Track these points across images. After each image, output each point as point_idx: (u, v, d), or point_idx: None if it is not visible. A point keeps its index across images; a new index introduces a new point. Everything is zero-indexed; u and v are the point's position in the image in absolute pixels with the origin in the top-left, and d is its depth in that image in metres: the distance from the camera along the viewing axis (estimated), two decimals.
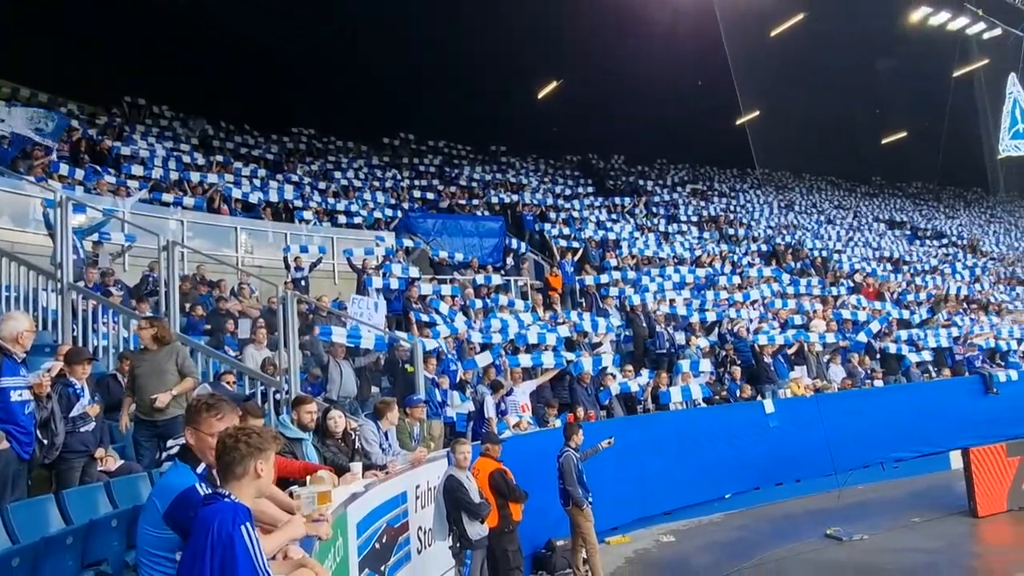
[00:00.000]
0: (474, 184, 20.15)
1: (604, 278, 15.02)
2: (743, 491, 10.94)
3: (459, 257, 15.35)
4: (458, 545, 6.28)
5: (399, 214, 16.52)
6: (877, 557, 8.20)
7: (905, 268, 21.69)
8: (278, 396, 7.72)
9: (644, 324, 13.19)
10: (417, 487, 6.64)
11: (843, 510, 10.38)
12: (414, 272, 13.01)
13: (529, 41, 18.53)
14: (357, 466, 5.32)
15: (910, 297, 18.23)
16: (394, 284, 12.18)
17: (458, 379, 10.26)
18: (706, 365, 12.34)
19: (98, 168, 13.38)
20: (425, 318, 11.44)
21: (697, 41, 16.10)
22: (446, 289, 12.76)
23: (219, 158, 16.35)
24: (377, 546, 5.42)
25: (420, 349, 8.90)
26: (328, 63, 18.55)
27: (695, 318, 13.87)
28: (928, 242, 26.49)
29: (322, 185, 17.36)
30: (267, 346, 8.96)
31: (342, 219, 15.70)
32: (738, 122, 19.21)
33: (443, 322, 11.33)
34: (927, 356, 15.03)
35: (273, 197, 15.36)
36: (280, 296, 8.26)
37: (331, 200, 16.42)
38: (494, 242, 16.42)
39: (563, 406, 10.50)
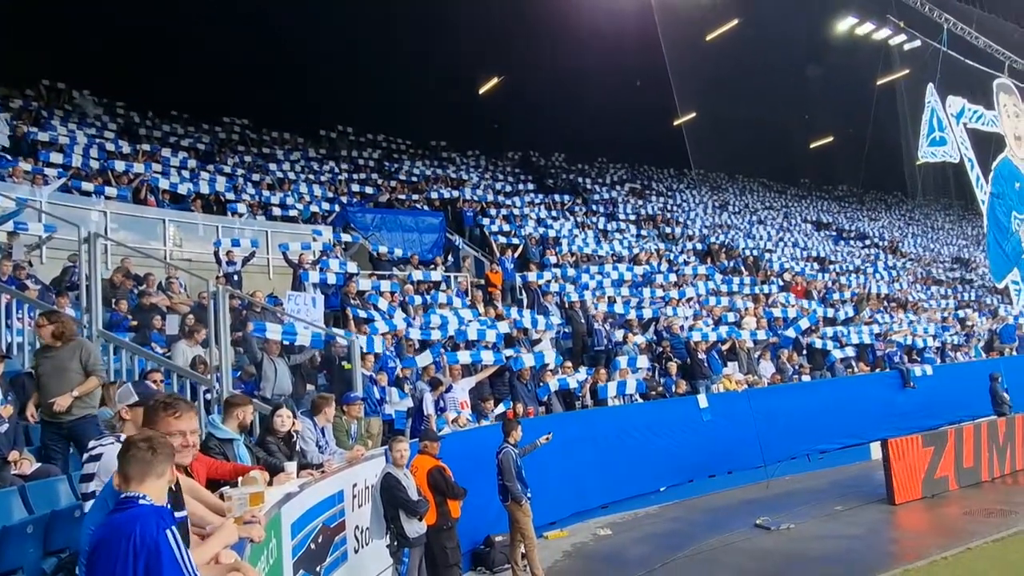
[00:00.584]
0: (414, 179, 19.96)
1: (545, 275, 15.12)
2: (678, 484, 11.18)
3: (398, 253, 15.20)
4: (396, 543, 6.21)
5: (337, 208, 16.20)
6: (802, 544, 8.53)
7: (831, 267, 22.60)
8: (209, 395, 7.46)
9: (583, 321, 13.33)
10: (354, 486, 6.52)
11: (772, 500, 10.76)
12: (352, 267, 12.80)
13: (470, 36, 18.42)
14: (292, 465, 5.19)
15: (835, 295, 19.00)
16: (331, 279, 11.96)
17: (396, 376, 10.15)
18: (643, 361, 12.55)
19: (9, 156, 12.68)
20: (363, 314, 11.26)
21: (636, 42, 16.32)
22: (385, 285, 12.58)
23: (146, 147, 15.69)
24: (312, 547, 5.30)
25: (358, 346, 8.75)
26: (264, 52, 18.00)
27: (632, 315, 14.10)
28: (852, 243, 27.69)
29: (256, 177, 16.86)
30: (199, 343, 8.66)
31: (277, 212, 15.30)
32: (675, 123, 19.59)
33: (382, 318, 11.17)
34: (850, 352, 15.70)
35: (204, 189, 14.84)
36: (211, 291, 7.98)
37: (266, 193, 15.98)
38: (434, 238, 16.31)
39: (500, 401, 10.53)
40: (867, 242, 28.17)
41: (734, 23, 19.22)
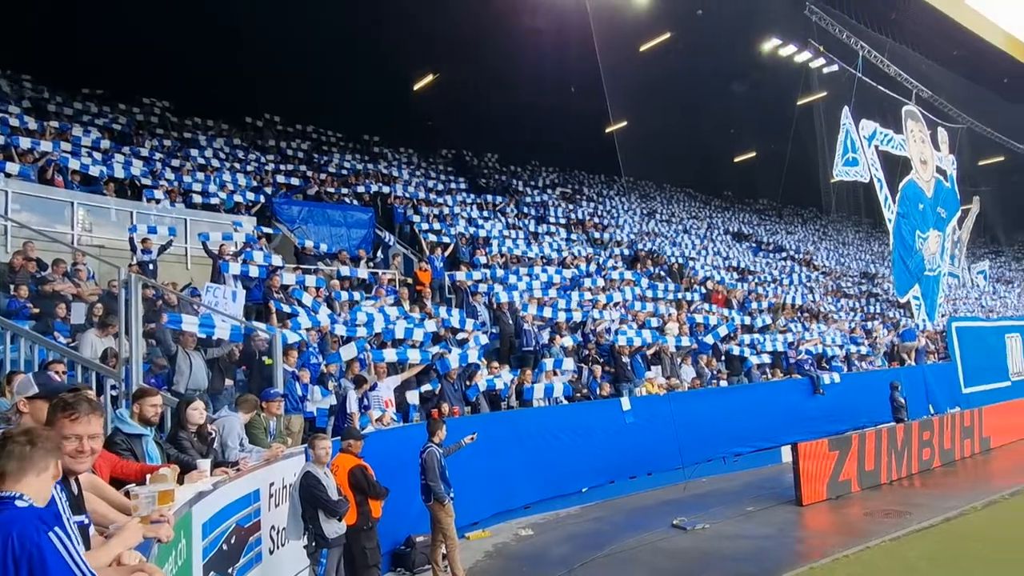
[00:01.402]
0: (344, 173, 19.53)
1: (475, 275, 15.07)
2: (600, 484, 11.36)
3: (324, 248, 14.85)
4: (313, 544, 6.05)
5: (262, 199, 15.68)
6: (716, 544, 8.81)
7: (750, 277, 23.46)
8: (115, 389, 7.07)
9: (511, 322, 13.37)
10: (271, 485, 6.33)
11: (689, 501, 11.08)
12: (276, 260, 12.41)
13: (405, 30, 18.17)
14: (205, 463, 4.98)
15: (753, 304, 19.74)
16: (254, 272, 11.55)
17: (320, 373, 9.90)
18: (569, 364, 12.69)
19: None
20: (287, 309, 10.94)
21: (572, 48, 16.50)
22: (310, 280, 12.26)
23: (55, 124, 14.75)
24: (225, 547, 5.11)
25: (280, 341, 8.48)
26: (191, 33, 17.23)
27: (560, 317, 14.24)
28: (770, 254, 28.84)
29: (176, 162, 16.12)
30: (112, 335, 8.20)
31: (198, 200, 14.67)
32: (608, 130, 19.92)
33: (305, 314, 10.87)
34: (766, 359, 16.35)
35: (119, 172, 14.07)
36: (122, 279, 7.56)
37: (186, 179, 15.30)
38: (363, 233, 16.02)
39: (427, 401, 10.44)
40: (784, 254, 29.40)
41: (667, 36, 19.71)
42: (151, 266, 11.20)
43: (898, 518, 9.51)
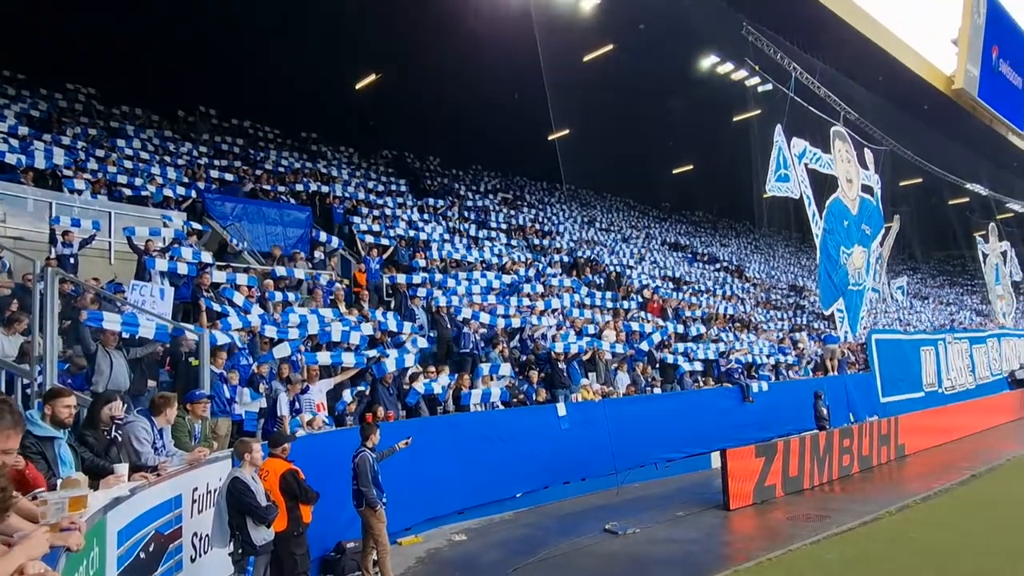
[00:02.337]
0: (281, 170, 19.07)
1: (414, 278, 14.93)
2: (534, 490, 11.38)
3: (246, 244, 14.38)
4: (240, 551, 5.85)
5: (193, 194, 15.14)
6: (646, 548, 8.95)
7: (685, 287, 24.02)
8: (29, 389, 6.70)
9: (448, 326, 13.29)
10: (195, 490, 6.08)
11: (621, 506, 11.22)
12: (207, 257, 12.00)
13: (348, 27, 17.87)
14: (123, 468, 4.75)
15: (687, 313, 20.20)
16: (182, 269, 11.15)
17: (251, 374, 9.62)
18: (506, 369, 12.69)
19: None
20: (217, 308, 10.59)
21: (516, 54, 16.54)
22: (242, 278, 11.90)
23: None
24: (142, 556, 4.88)
25: (207, 341, 8.20)
26: (121, 18, 16.53)
27: (499, 323, 14.24)
28: (704, 265, 29.61)
29: (101, 153, 15.43)
30: (20, 332, 7.76)
31: (124, 193, 14.05)
32: (550, 137, 20.07)
33: (236, 314, 10.55)
34: (698, 367, 16.75)
35: (38, 161, 13.37)
36: (37, 273, 7.17)
37: (112, 170, 14.65)
38: (299, 233, 15.65)
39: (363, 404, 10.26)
40: (718, 265, 30.24)
41: (610, 48, 20.00)
42: (72, 260, 10.70)
43: (819, 522, 9.86)
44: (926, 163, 31.45)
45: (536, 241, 22.42)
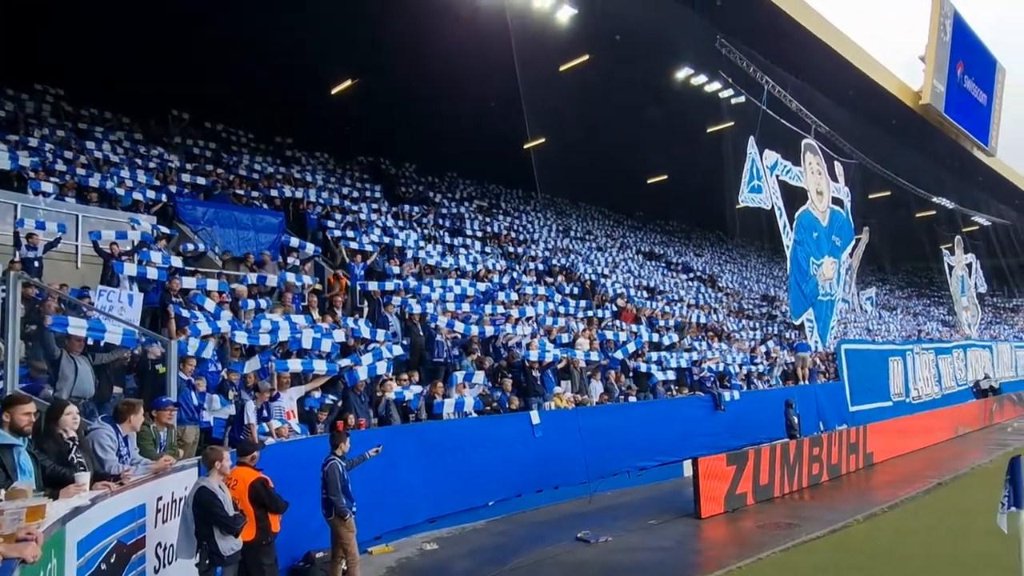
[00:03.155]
0: (254, 175, 18.87)
1: (388, 285, 14.86)
2: (506, 498, 11.34)
3: (215, 251, 14.19)
4: (207, 562, 5.75)
5: (164, 198, 14.92)
6: (618, 556, 8.96)
7: (659, 296, 24.19)
8: None
9: (422, 333, 13.22)
10: (160, 499, 5.97)
11: (593, 514, 11.22)
12: (177, 262, 11.82)
13: (325, 32, 17.75)
14: (84, 476, 4.65)
15: (660, 322, 20.34)
16: (152, 274, 10.98)
17: (220, 381, 9.48)
18: (479, 377, 12.66)
19: None
20: (186, 314, 10.42)
21: (493, 63, 16.59)
22: (212, 284, 11.73)
23: None
24: (104, 567, 4.78)
25: (175, 347, 8.06)
26: (90, 18, 16.27)
27: (473, 330, 14.21)
28: (678, 274, 29.87)
29: (69, 155, 15.15)
30: None
31: (92, 197, 13.80)
32: (526, 146, 20.14)
33: (206, 320, 10.39)
34: (671, 376, 16.86)
35: (3, 162, 13.08)
36: None
37: (80, 172, 14.38)
38: (272, 238, 15.48)
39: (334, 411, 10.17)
40: (691, 275, 30.52)
41: (586, 58, 20.14)
42: (36, 264, 10.49)
43: (788, 530, 9.96)
44: (894, 176, 32.14)
45: (511, 249, 22.43)
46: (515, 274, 19.59)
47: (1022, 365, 33.45)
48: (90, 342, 8.24)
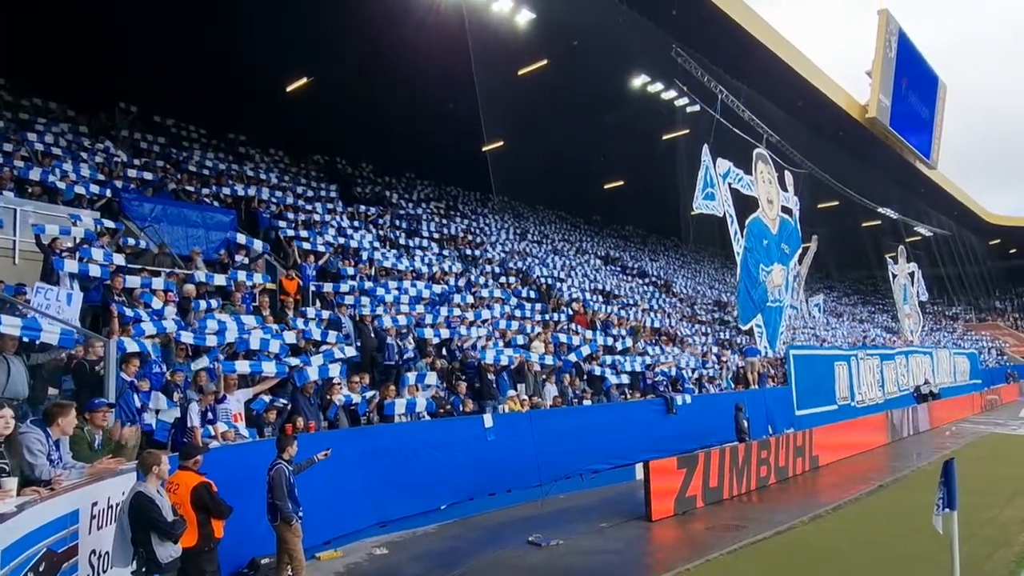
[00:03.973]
0: (205, 172, 18.41)
1: (342, 286, 14.65)
2: (459, 502, 11.27)
3: (142, 243, 13.75)
4: (144, 570, 5.55)
5: (109, 192, 14.43)
6: (569, 559, 8.99)
7: (614, 300, 24.41)
8: None
9: (374, 335, 13.06)
10: (95, 505, 5.73)
11: (545, 518, 11.24)
12: (119, 260, 11.44)
13: (281, 28, 17.42)
14: (11, 482, 4.44)
15: (615, 326, 20.52)
16: (94, 271, 10.60)
17: (164, 383, 9.20)
18: (432, 379, 12.57)
19: None
20: (129, 313, 10.09)
21: (451, 64, 16.55)
22: (158, 282, 11.39)
23: None
24: (31, 575, 4.56)
25: (115, 347, 7.79)
26: (35, 5, 15.68)
27: (428, 333, 14.11)
28: (633, 279, 30.20)
29: (8, 147, 14.54)
30: None
31: (34, 190, 13.25)
32: (483, 149, 20.13)
33: (150, 319, 10.08)
34: (625, 379, 17.01)
35: None
36: None
37: (19, 165, 13.82)
38: (223, 236, 15.11)
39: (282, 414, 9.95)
40: (646, 280, 30.89)
41: (544, 63, 20.23)
42: None
43: (736, 532, 10.14)
44: (842, 187, 33.14)
45: (468, 252, 22.36)
46: (471, 277, 19.54)
47: (960, 371, 34.79)
48: (25, 341, 7.91)
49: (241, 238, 14.92)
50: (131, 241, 13.11)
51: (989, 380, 37.77)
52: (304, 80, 21.03)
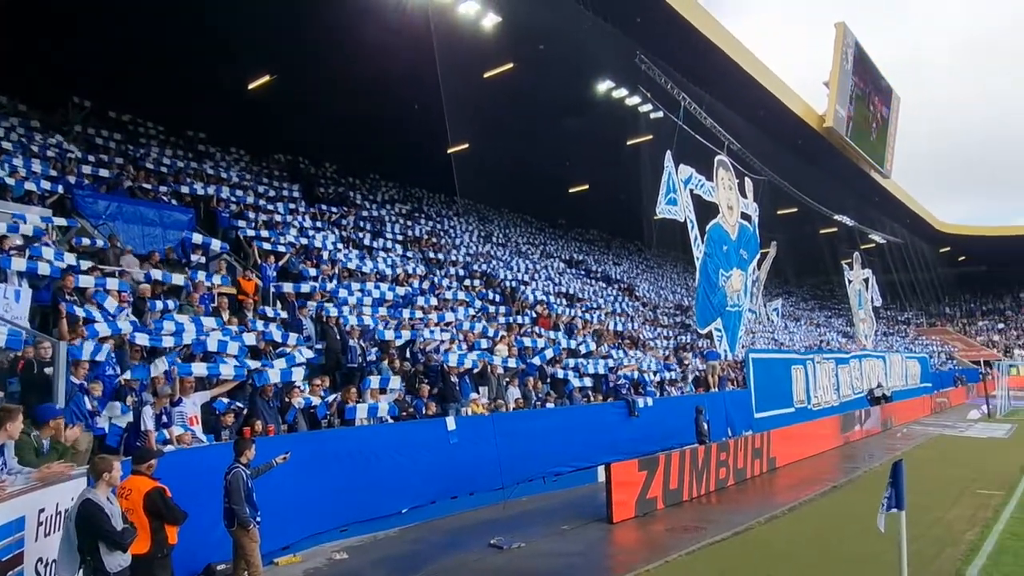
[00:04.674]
0: (163, 169, 18.01)
1: (304, 287, 14.46)
2: (420, 505, 11.19)
3: (100, 242, 13.42)
4: None
5: (61, 189, 14.02)
6: (530, 562, 9.00)
7: (578, 303, 24.55)
8: None
9: (338, 337, 12.92)
10: (42, 511, 5.55)
11: (507, 521, 11.24)
12: (71, 258, 11.11)
13: (243, 24, 17.15)
14: None
15: (579, 329, 20.63)
16: (44, 270, 10.29)
17: (117, 386, 8.96)
18: (395, 382, 12.48)
19: None
20: (81, 313, 9.81)
21: (417, 66, 16.50)
22: (112, 283, 11.09)
23: None
24: None
25: (63, 348, 7.57)
26: None
27: (390, 335, 14.01)
28: (597, 283, 30.42)
29: None
30: None
31: None
32: (448, 151, 20.08)
33: (104, 320, 9.82)
34: (588, 382, 17.10)
35: None
36: None
37: None
38: (181, 236, 14.79)
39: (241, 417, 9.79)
40: (610, 283, 31.14)
41: (510, 66, 20.28)
42: None
43: (695, 533, 10.27)
44: (800, 194, 33.91)
45: (432, 254, 22.28)
46: (435, 279, 19.46)
47: (911, 375, 35.79)
48: None
49: (199, 238, 14.61)
50: (85, 240, 12.74)
51: (939, 383, 38.93)
52: (267, 78, 20.71)
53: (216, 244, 14.67)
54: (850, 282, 36.68)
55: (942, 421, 28.10)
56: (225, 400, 9.81)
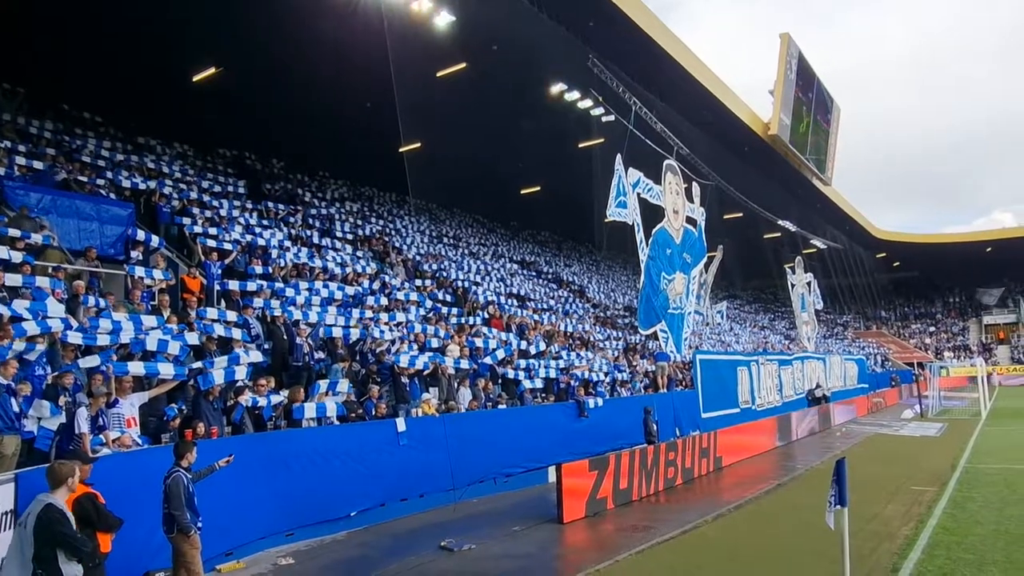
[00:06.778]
0: (101, 162, 17.29)
1: (250, 286, 14.06)
2: (369, 508, 11.00)
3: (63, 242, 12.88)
4: None
5: None
6: (481, 564, 8.91)
7: (529, 304, 24.60)
8: None
9: (285, 337, 12.61)
10: None
11: (458, 522, 11.13)
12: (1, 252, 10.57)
13: (188, 12, 16.58)
14: None
15: (530, 331, 20.66)
16: None
17: (47, 386, 8.53)
18: (344, 384, 12.24)
19: None
20: (6, 313, 9.30)
21: (369, 63, 16.27)
22: (42, 281, 10.57)
23: None
24: None
25: None
26: None
27: (339, 334, 13.74)
28: (548, 284, 30.55)
29: None
30: None
31: None
32: (400, 150, 19.84)
33: (33, 318, 9.34)
34: (539, 383, 17.12)
35: None
36: None
37: None
38: (119, 231, 14.20)
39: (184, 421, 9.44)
40: (561, 285, 31.31)
41: (463, 66, 20.18)
42: None
43: (644, 532, 10.35)
44: (746, 199, 34.74)
45: (382, 253, 21.99)
46: (386, 278, 19.20)
47: (849, 376, 37.04)
48: None
49: (140, 234, 14.07)
50: (12, 232, 12.10)
51: (875, 384, 40.45)
52: (213, 70, 20.11)
53: (155, 240, 14.14)
54: (793, 286, 37.73)
55: (878, 420, 29.12)
56: (174, 406, 9.46)
